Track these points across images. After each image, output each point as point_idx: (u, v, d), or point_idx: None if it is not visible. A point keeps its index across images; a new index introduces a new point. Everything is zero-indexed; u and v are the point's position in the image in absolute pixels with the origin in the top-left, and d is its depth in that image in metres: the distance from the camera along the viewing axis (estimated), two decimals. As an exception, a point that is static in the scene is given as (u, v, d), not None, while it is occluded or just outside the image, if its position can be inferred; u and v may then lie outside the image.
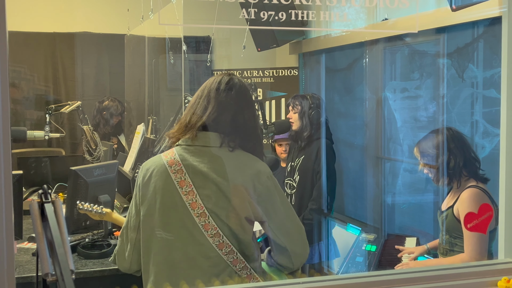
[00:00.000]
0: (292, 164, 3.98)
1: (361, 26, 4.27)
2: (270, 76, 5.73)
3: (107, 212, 2.82)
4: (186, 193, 2.03)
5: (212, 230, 2.02)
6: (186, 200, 2.02)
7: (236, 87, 2.13)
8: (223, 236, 2.03)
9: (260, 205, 2.09)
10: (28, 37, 5.61)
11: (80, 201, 2.88)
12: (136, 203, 2.13)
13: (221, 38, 5.80)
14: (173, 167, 2.06)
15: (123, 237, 2.18)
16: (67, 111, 4.42)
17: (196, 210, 2.02)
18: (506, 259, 2.16)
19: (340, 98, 5.34)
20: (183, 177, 2.04)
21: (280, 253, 2.17)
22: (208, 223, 2.02)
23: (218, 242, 2.03)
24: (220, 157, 2.07)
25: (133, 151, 4.25)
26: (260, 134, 2.29)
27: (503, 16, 2.16)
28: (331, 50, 5.33)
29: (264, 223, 2.13)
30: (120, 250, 2.20)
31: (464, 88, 3.69)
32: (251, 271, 2.11)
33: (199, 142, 2.08)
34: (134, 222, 2.13)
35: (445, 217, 2.90)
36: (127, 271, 2.22)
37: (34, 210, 1.24)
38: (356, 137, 5.11)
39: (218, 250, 2.03)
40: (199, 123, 2.08)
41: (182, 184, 2.03)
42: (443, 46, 3.88)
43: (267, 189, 2.10)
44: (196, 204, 2.02)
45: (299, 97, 4.00)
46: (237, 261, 2.07)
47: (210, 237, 2.02)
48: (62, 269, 1.11)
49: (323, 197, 3.85)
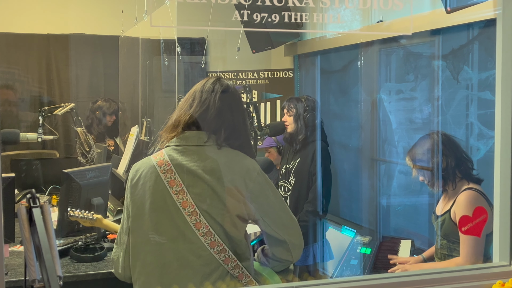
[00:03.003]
0: (287, 167, 3.97)
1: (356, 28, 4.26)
2: (265, 78, 5.71)
3: (98, 218, 2.81)
4: (176, 192, 2.03)
5: (204, 228, 2.02)
6: (177, 199, 2.02)
7: (222, 86, 2.15)
8: (214, 235, 2.03)
9: (254, 202, 2.10)
10: (22, 38, 5.59)
11: (71, 208, 2.86)
12: (127, 206, 2.12)
13: (215, 39, 5.78)
14: (162, 167, 2.06)
15: (118, 243, 2.17)
16: (61, 113, 4.40)
17: (187, 209, 2.02)
18: (500, 263, 2.15)
19: (335, 100, 5.33)
20: (173, 177, 2.04)
21: (278, 247, 2.18)
22: (199, 222, 2.02)
23: (209, 241, 2.03)
24: (208, 155, 2.07)
25: (127, 153, 4.23)
26: (249, 132, 2.31)
27: (498, 18, 2.15)
28: (326, 52, 5.32)
29: (259, 221, 2.13)
30: (115, 256, 2.19)
31: (459, 90, 3.69)
32: (243, 269, 2.10)
33: (187, 142, 2.09)
34: (126, 224, 2.12)
35: (442, 222, 2.89)
36: (122, 278, 2.20)
37: (21, 215, 1.22)
38: (351, 139, 5.10)
39: (210, 248, 2.03)
40: (184, 122, 2.10)
41: (172, 183, 2.03)
42: (438, 48, 3.88)
43: (259, 185, 2.11)
44: (187, 203, 2.02)
45: (293, 100, 3.99)
46: (229, 260, 2.06)
47: (201, 236, 2.02)
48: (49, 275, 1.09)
49: (319, 199, 3.84)
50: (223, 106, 2.12)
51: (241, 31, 4.37)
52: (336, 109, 5.29)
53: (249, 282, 2.11)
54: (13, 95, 5.64)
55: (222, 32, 5.78)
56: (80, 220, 2.83)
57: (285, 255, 2.19)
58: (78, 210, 2.82)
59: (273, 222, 2.14)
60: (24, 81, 5.73)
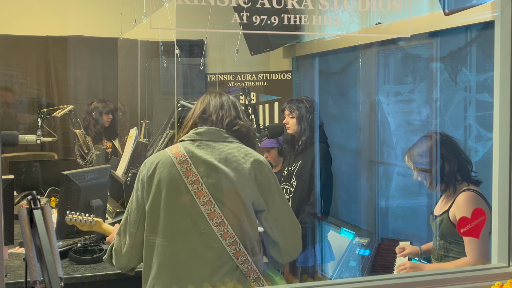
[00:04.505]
0: (289, 169, 3.96)
1: (355, 30, 4.27)
2: (263, 80, 5.72)
3: (98, 221, 2.80)
4: (192, 182, 2.08)
5: (217, 218, 2.07)
6: (192, 189, 2.08)
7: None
8: (227, 225, 2.08)
9: (260, 194, 2.16)
10: (21, 40, 5.59)
11: (70, 210, 2.85)
12: (137, 198, 2.16)
13: (214, 41, 5.79)
14: (178, 158, 2.12)
15: (121, 234, 2.20)
16: (60, 115, 4.41)
17: (202, 199, 2.07)
18: (499, 264, 2.16)
19: (334, 102, 5.33)
20: (188, 167, 2.10)
21: (270, 246, 2.25)
22: (213, 211, 2.07)
23: (222, 232, 2.07)
24: (223, 148, 2.16)
25: (126, 155, 4.23)
26: (254, 137, 2.39)
27: (496, 20, 2.16)
28: (325, 53, 5.33)
29: (262, 213, 2.19)
30: (118, 247, 2.21)
31: (457, 92, 3.70)
32: (252, 265, 2.13)
33: (201, 136, 2.18)
34: (135, 217, 2.15)
35: (440, 222, 2.88)
36: (124, 268, 2.24)
37: (22, 217, 1.23)
38: (349, 141, 5.11)
39: (222, 240, 2.07)
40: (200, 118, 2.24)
41: (187, 174, 2.09)
42: (436, 50, 3.88)
43: (268, 180, 2.19)
44: (202, 193, 2.07)
45: (295, 102, 3.97)
46: (239, 253, 2.10)
47: (215, 226, 2.07)
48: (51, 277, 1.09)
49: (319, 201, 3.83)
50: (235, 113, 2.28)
51: (240, 33, 4.38)
52: (335, 111, 5.29)
53: (257, 279, 2.14)
54: (12, 97, 5.65)
55: (221, 34, 5.78)
56: (78, 224, 2.81)
57: (275, 255, 2.26)
58: (76, 214, 2.81)
59: (272, 220, 2.20)
60: (23, 83, 5.73)
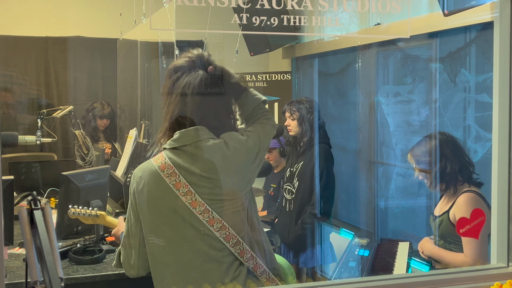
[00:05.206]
0: (292, 170, 3.96)
1: (354, 31, 4.27)
2: (263, 81, 5.72)
3: (101, 214, 2.80)
4: (184, 194, 2.02)
5: (218, 223, 2.04)
6: (186, 200, 2.02)
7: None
8: (228, 228, 2.05)
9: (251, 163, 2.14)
10: (20, 41, 5.59)
11: (72, 205, 2.85)
12: (134, 210, 2.12)
13: (214, 42, 5.78)
14: (165, 171, 2.05)
15: (126, 246, 2.17)
16: (59, 116, 4.40)
17: (198, 208, 2.02)
18: (498, 264, 2.16)
19: (333, 103, 5.34)
20: (177, 179, 2.03)
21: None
22: (212, 218, 2.03)
23: (224, 235, 2.04)
24: (205, 151, 2.06)
25: (126, 156, 4.24)
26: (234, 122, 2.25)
27: (495, 21, 2.16)
28: (324, 54, 5.33)
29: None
30: (125, 259, 2.18)
31: (457, 92, 3.70)
32: (257, 260, 2.11)
33: (179, 142, 2.07)
34: (135, 229, 2.11)
35: (440, 222, 2.89)
36: (136, 276, 2.20)
37: (23, 217, 1.23)
38: (349, 141, 5.11)
39: (226, 242, 2.05)
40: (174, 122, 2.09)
41: (178, 186, 2.03)
42: (436, 51, 3.89)
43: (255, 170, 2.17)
44: (197, 203, 2.02)
45: (295, 103, 3.96)
46: (244, 252, 2.08)
47: (216, 231, 2.04)
48: (51, 277, 1.09)
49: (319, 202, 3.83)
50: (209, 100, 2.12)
51: (239, 34, 4.38)
52: (334, 112, 5.30)
53: (263, 272, 2.13)
54: (11, 98, 5.65)
55: (221, 35, 5.78)
56: (81, 217, 2.81)
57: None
58: (79, 208, 2.81)
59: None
60: (22, 84, 5.73)
